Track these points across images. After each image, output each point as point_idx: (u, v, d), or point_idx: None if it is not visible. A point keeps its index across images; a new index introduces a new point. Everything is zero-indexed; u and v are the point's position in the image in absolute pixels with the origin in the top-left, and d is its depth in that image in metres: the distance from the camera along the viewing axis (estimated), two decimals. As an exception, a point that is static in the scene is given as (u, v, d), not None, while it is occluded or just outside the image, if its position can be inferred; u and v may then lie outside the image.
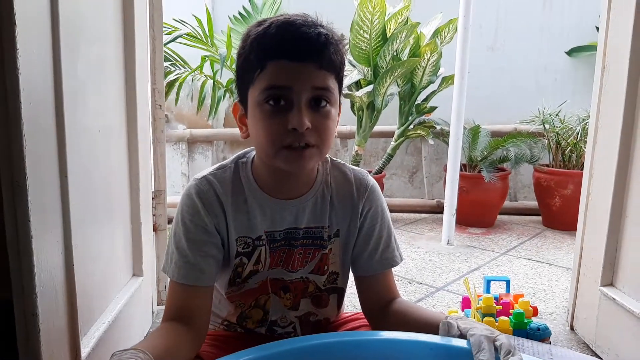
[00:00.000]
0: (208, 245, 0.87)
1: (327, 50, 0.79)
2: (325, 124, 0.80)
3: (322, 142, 0.81)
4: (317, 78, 0.78)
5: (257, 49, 0.78)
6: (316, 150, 0.81)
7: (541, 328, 1.49)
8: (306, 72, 0.78)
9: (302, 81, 0.77)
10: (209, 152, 3.47)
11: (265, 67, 0.78)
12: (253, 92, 0.80)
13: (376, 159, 3.66)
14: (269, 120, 0.79)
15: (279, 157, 0.80)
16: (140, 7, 1.50)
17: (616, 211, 1.53)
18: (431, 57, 2.98)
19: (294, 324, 0.98)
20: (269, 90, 0.78)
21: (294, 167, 0.82)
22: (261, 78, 0.78)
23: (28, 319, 0.88)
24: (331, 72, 0.80)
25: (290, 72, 0.77)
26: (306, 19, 0.80)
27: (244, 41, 0.82)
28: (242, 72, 0.83)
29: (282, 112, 0.78)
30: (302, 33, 0.77)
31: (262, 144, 0.82)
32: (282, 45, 0.77)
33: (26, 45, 0.82)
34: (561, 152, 3.15)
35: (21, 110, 0.81)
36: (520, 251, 2.70)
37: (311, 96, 0.79)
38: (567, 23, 3.49)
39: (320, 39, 0.78)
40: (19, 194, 0.83)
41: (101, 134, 1.24)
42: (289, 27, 0.78)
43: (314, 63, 0.78)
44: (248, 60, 0.80)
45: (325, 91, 0.80)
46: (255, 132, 0.82)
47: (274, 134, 0.79)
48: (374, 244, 0.94)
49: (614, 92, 1.53)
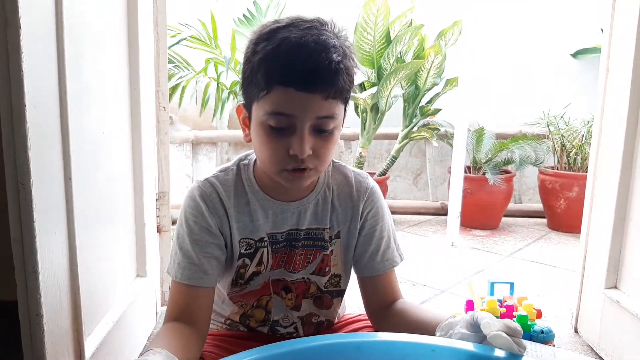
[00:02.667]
0: (211, 246, 0.88)
1: (337, 79, 0.76)
2: (326, 147, 0.80)
3: (321, 164, 0.82)
4: (323, 108, 0.77)
5: (265, 70, 0.76)
6: (314, 172, 0.83)
7: (545, 331, 1.48)
8: (313, 103, 0.75)
9: (308, 112, 0.76)
10: (213, 153, 3.48)
11: (271, 90, 0.75)
12: (257, 109, 0.79)
13: (380, 161, 3.66)
14: (271, 144, 0.79)
15: (279, 175, 0.82)
16: (145, 10, 1.51)
17: (620, 214, 1.52)
18: (435, 59, 2.98)
19: (296, 324, 0.98)
20: (272, 115, 0.76)
21: (293, 186, 0.85)
22: (266, 100, 0.76)
23: (32, 319, 0.89)
24: (338, 99, 0.78)
25: (296, 102, 0.75)
26: (319, 38, 0.75)
27: (252, 52, 0.79)
28: (248, 83, 0.80)
29: (284, 136, 0.77)
30: (313, 62, 0.74)
31: (264, 161, 0.83)
32: (290, 73, 0.74)
33: (31, 49, 0.83)
34: (566, 155, 3.14)
35: (26, 113, 0.82)
36: (524, 253, 2.69)
37: (315, 124, 0.78)
38: (572, 25, 3.48)
39: (331, 68, 0.74)
40: (23, 196, 0.84)
41: (105, 135, 1.25)
42: (300, 52, 0.74)
43: (321, 94, 0.75)
44: (254, 76, 0.77)
45: (330, 119, 0.78)
46: (258, 148, 0.82)
47: (275, 156, 0.79)
48: (375, 245, 0.95)
49: (618, 95, 1.53)
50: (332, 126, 0.79)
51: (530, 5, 3.49)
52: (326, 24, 0.79)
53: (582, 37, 3.47)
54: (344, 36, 0.80)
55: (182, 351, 0.75)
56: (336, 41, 0.77)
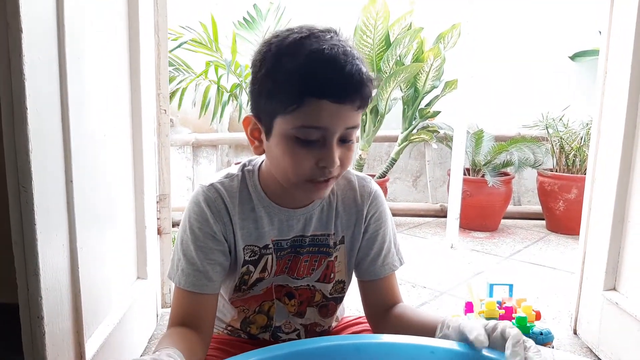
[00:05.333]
0: (216, 252, 0.87)
1: (366, 89, 0.77)
2: (349, 156, 0.81)
3: (342, 172, 0.83)
4: (352, 118, 0.77)
5: (296, 84, 0.74)
6: (334, 181, 0.83)
7: (544, 332, 1.49)
8: (344, 113, 0.75)
9: (339, 122, 0.76)
10: (214, 156, 3.49)
11: (303, 104, 0.74)
12: (283, 122, 0.77)
13: (380, 163, 3.67)
14: (299, 155, 0.77)
15: (300, 187, 0.81)
16: (146, 13, 1.51)
17: (619, 216, 1.53)
18: (434, 62, 2.99)
19: (298, 331, 0.98)
20: (304, 129, 0.75)
21: (313, 197, 0.85)
22: (296, 113, 0.75)
23: (33, 321, 0.89)
24: (364, 108, 0.79)
25: (329, 114, 0.74)
26: (346, 50, 0.75)
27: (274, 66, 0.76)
28: (268, 97, 0.78)
29: (312, 148, 0.77)
30: (346, 74, 0.74)
31: (286, 173, 0.81)
32: (325, 86, 0.73)
33: (32, 52, 0.84)
34: (565, 157, 3.15)
35: (27, 116, 0.82)
36: (523, 255, 2.70)
37: (342, 135, 0.78)
38: (570, 27, 3.49)
39: (363, 79, 0.75)
40: (24, 198, 0.84)
41: (106, 138, 1.25)
42: (332, 66, 0.73)
43: (352, 104, 0.75)
44: (281, 89, 0.75)
45: (356, 129, 0.79)
46: (280, 161, 0.80)
47: (302, 168, 0.78)
48: (377, 249, 0.95)
49: (616, 97, 1.54)
50: (354, 135, 0.80)
51: (528, 8, 3.50)
52: (339, 33, 0.79)
53: (580, 39, 3.49)
54: (354, 46, 0.80)
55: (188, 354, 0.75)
56: (356, 52, 0.78)
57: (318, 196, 0.84)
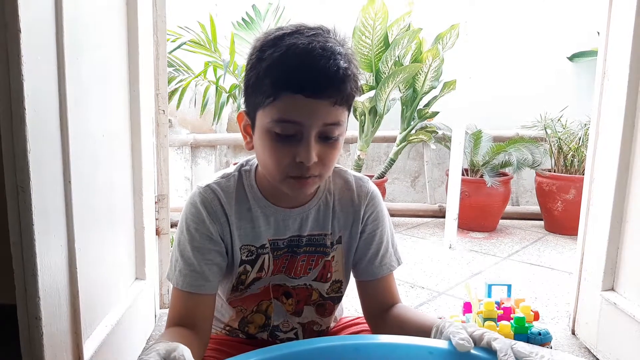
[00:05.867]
0: (213, 253, 0.87)
1: (345, 85, 0.76)
2: (331, 154, 0.80)
3: (326, 171, 0.82)
4: (330, 115, 0.76)
5: (272, 77, 0.75)
6: (318, 179, 0.82)
7: (542, 333, 1.49)
8: (320, 109, 0.75)
9: (315, 118, 0.75)
10: (212, 156, 3.49)
11: (278, 97, 0.75)
12: (262, 116, 0.78)
13: (378, 164, 3.67)
14: (277, 150, 0.78)
15: (283, 183, 0.81)
16: (144, 13, 1.51)
17: (617, 216, 1.53)
18: (433, 63, 2.99)
19: (296, 330, 0.98)
20: (280, 123, 0.76)
21: (297, 194, 0.84)
22: (273, 107, 0.76)
23: (31, 322, 0.89)
24: (344, 105, 0.78)
25: (304, 109, 0.74)
26: (325, 45, 0.75)
27: (257, 59, 0.77)
28: (252, 90, 0.79)
29: (290, 143, 0.77)
30: (321, 68, 0.73)
31: (268, 168, 0.82)
32: (298, 80, 0.73)
33: (31, 52, 0.84)
34: (563, 157, 3.15)
35: (25, 116, 0.82)
36: (522, 256, 2.70)
37: (321, 131, 0.77)
38: (569, 28, 3.49)
39: (339, 74, 0.74)
40: (23, 198, 0.84)
41: (105, 138, 1.25)
42: (307, 60, 0.73)
43: (329, 100, 0.75)
44: (260, 83, 0.76)
45: (336, 126, 0.78)
46: (262, 155, 0.82)
47: (281, 163, 0.78)
48: (374, 250, 0.95)
49: (614, 98, 1.54)
50: (337, 133, 0.79)
51: (527, 9, 3.50)
52: (329, 31, 0.79)
53: (578, 40, 3.49)
54: (347, 44, 0.80)
55: None
56: (341, 48, 0.77)
57: (301, 193, 0.83)
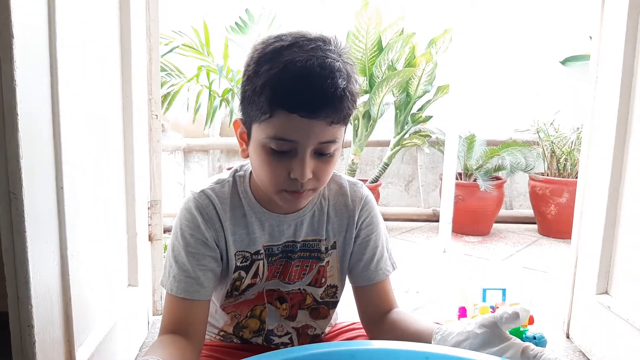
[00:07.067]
0: (207, 258, 0.87)
1: (342, 105, 0.74)
2: (326, 170, 0.80)
3: (320, 185, 0.82)
4: (326, 133, 0.75)
5: (268, 95, 0.73)
6: (312, 192, 0.83)
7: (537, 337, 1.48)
8: (316, 128, 0.74)
9: (310, 137, 0.75)
10: (205, 161, 3.47)
11: (273, 115, 0.74)
12: (258, 130, 0.77)
13: (372, 168, 3.67)
14: (272, 165, 0.78)
15: (277, 196, 0.81)
16: (137, 17, 1.51)
17: (610, 219, 1.53)
18: (426, 67, 3.00)
19: (290, 335, 0.98)
20: (275, 140, 0.75)
21: (290, 207, 0.85)
22: (268, 123, 0.75)
23: (23, 329, 0.88)
24: (341, 123, 0.78)
25: (299, 128, 0.74)
26: (324, 62, 0.73)
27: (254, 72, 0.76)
28: (248, 103, 0.78)
29: (285, 159, 0.77)
30: (318, 88, 0.72)
31: (262, 181, 0.82)
32: (295, 99, 0.72)
33: (23, 58, 0.83)
34: (556, 161, 3.17)
35: (18, 122, 0.82)
36: (516, 259, 2.70)
37: (317, 149, 0.77)
38: (561, 32, 3.52)
39: (337, 94, 0.73)
40: (15, 205, 0.83)
41: (97, 144, 1.24)
42: (305, 79, 0.72)
43: (325, 120, 0.74)
44: (257, 98, 0.75)
45: (332, 143, 0.78)
46: (257, 168, 0.81)
47: (275, 178, 0.78)
48: (369, 254, 0.95)
49: (607, 101, 1.55)
50: (333, 149, 0.79)
51: (520, 13, 3.53)
52: (329, 42, 0.77)
53: (571, 44, 3.52)
54: (346, 55, 0.78)
55: None
56: (340, 63, 0.75)
57: (294, 206, 0.84)
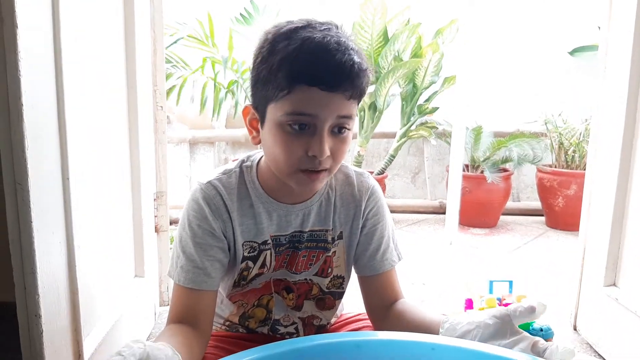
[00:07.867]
0: (215, 249, 0.87)
1: (359, 80, 0.77)
2: (342, 149, 0.81)
3: (335, 165, 0.83)
4: (344, 108, 0.77)
5: (287, 70, 0.74)
6: (328, 173, 0.83)
7: (544, 329, 1.48)
8: (335, 102, 0.76)
9: (330, 111, 0.76)
10: (211, 153, 3.48)
11: (293, 90, 0.75)
12: (275, 109, 0.78)
13: (378, 160, 3.66)
14: (289, 144, 0.78)
15: (292, 177, 0.81)
16: (142, 9, 1.50)
17: (618, 211, 1.52)
18: (433, 58, 2.98)
19: (296, 325, 0.98)
20: (294, 116, 0.76)
21: (305, 189, 0.85)
22: (287, 100, 0.76)
23: (31, 320, 0.89)
24: (357, 99, 0.79)
25: (319, 102, 0.75)
26: (339, 40, 0.75)
27: (269, 51, 0.77)
28: (263, 84, 0.78)
29: (303, 137, 0.77)
30: (337, 63, 0.74)
31: (277, 162, 0.81)
32: (316, 73, 0.74)
33: (28, 48, 0.83)
34: (564, 152, 3.14)
35: (23, 113, 0.82)
36: (523, 252, 2.69)
37: (335, 124, 0.78)
38: (569, 22, 3.48)
39: (354, 70, 0.75)
40: (21, 196, 0.84)
41: (103, 135, 1.25)
42: (324, 53, 0.74)
43: (343, 93, 0.76)
44: (273, 76, 0.76)
45: (349, 119, 0.79)
46: (272, 149, 0.81)
47: (292, 157, 0.78)
48: (375, 245, 0.95)
49: (615, 92, 1.53)
50: (350, 126, 0.80)
51: (527, 4, 3.49)
52: (339, 27, 0.80)
53: (579, 35, 3.48)
54: (354, 41, 0.80)
55: (186, 350, 0.75)
56: (353, 44, 0.78)
57: (311, 188, 0.84)
